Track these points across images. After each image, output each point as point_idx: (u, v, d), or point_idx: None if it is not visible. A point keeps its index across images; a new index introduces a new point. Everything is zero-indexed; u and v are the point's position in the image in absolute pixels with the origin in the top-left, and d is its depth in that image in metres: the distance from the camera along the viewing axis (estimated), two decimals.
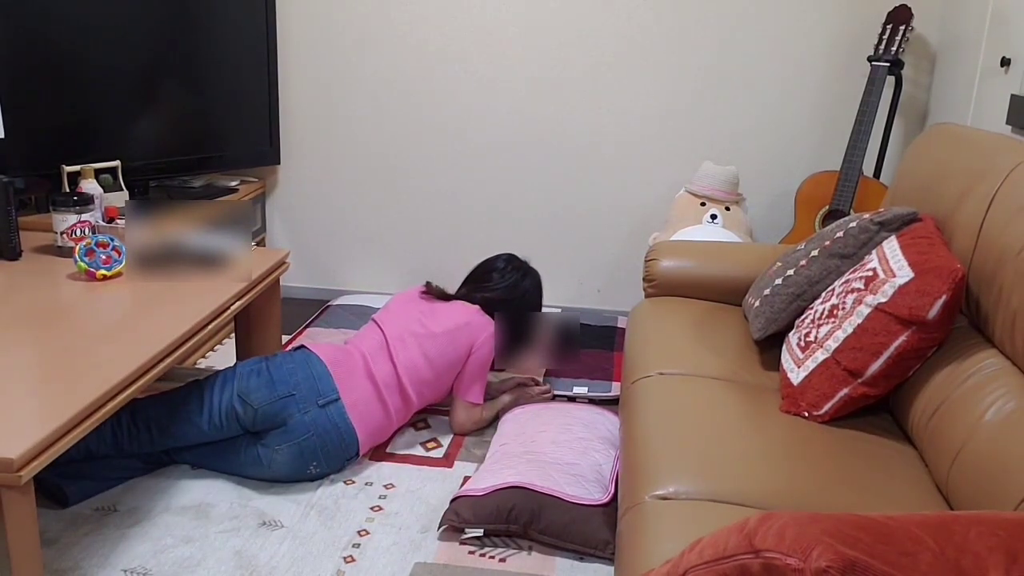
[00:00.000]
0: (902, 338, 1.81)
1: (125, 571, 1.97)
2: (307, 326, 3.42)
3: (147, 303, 2.19)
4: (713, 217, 3.19)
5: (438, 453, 2.53)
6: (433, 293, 2.67)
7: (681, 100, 3.44)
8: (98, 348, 1.90)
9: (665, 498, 1.59)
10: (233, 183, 3.51)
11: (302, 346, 2.43)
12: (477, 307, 2.62)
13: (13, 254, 2.46)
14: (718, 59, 3.38)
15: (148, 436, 2.25)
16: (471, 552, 2.08)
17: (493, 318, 2.62)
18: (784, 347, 2.12)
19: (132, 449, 2.26)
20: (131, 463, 2.30)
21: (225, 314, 2.25)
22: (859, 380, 1.87)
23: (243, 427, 2.28)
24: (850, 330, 1.89)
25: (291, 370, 2.32)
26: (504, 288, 2.70)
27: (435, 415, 2.74)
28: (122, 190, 2.84)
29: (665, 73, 3.42)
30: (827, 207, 3.14)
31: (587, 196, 3.59)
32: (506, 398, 2.76)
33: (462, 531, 2.12)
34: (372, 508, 2.25)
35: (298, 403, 2.26)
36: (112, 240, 2.38)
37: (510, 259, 2.79)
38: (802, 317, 2.12)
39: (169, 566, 1.99)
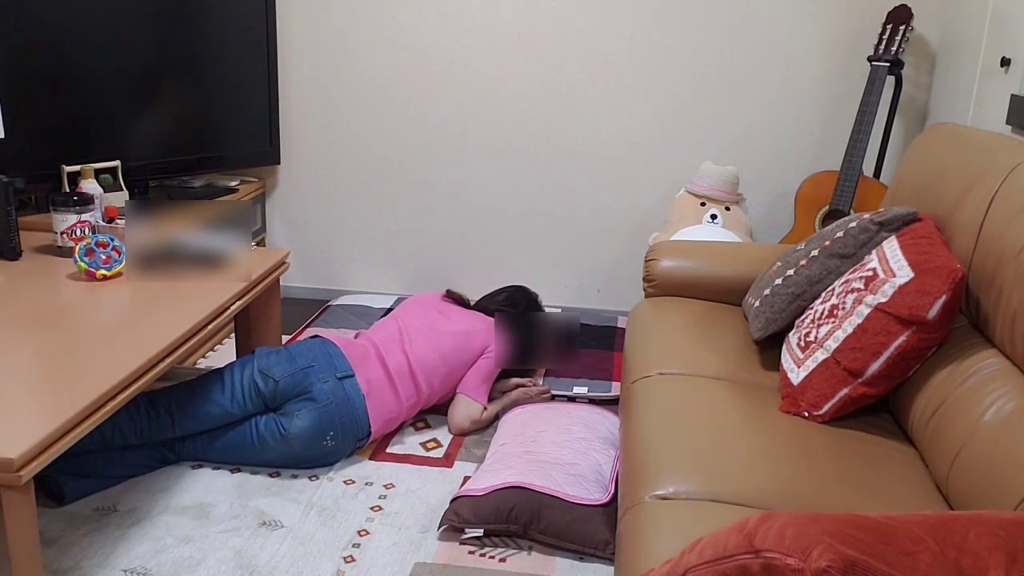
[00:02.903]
0: (902, 338, 1.81)
1: (125, 571, 1.97)
2: (307, 326, 3.42)
3: (147, 303, 2.19)
4: (713, 217, 3.19)
5: (438, 453, 2.53)
6: (453, 299, 2.84)
7: (681, 100, 3.44)
8: (98, 348, 1.90)
9: (665, 498, 1.59)
10: (233, 183, 3.51)
11: (316, 335, 2.54)
12: (493, 319, 2.76)
13: (13, 254, 2.46)
14: (718, 59, 3.38)
15: (169, 421, 2.29)
16: (471, 552, 2.08)
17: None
18: (784, 347, 2.12)
19: (152, 436, 2.28)
20: (132, 462, 2.30)
21: (225, 314, 2.25)
22: (859, 380, 1.87)
23: (264, 402, 2.35)
24: (850, 330, 1.89)
25: (309, 346, 2.44)
26: (506, 304, 2.92)
27: (435, 415, 2.74)
28: (122, 190, 2.84)
29: (665, 73, 3.42)
30: (827, 207, 3.14)
31: (587, 196, 3.59)
32: (505, 399, 2.76)
33: (462, 531, 2.12)
34: (372, 508, 2.25)
35: (318, 373, 2.36)
36: (112, 240, 2.38)
37: (518, 287, 3.04)
38: (802, 317, 2.12)
39: (169, 566, 1.99)
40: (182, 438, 2.34)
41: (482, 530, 2.10)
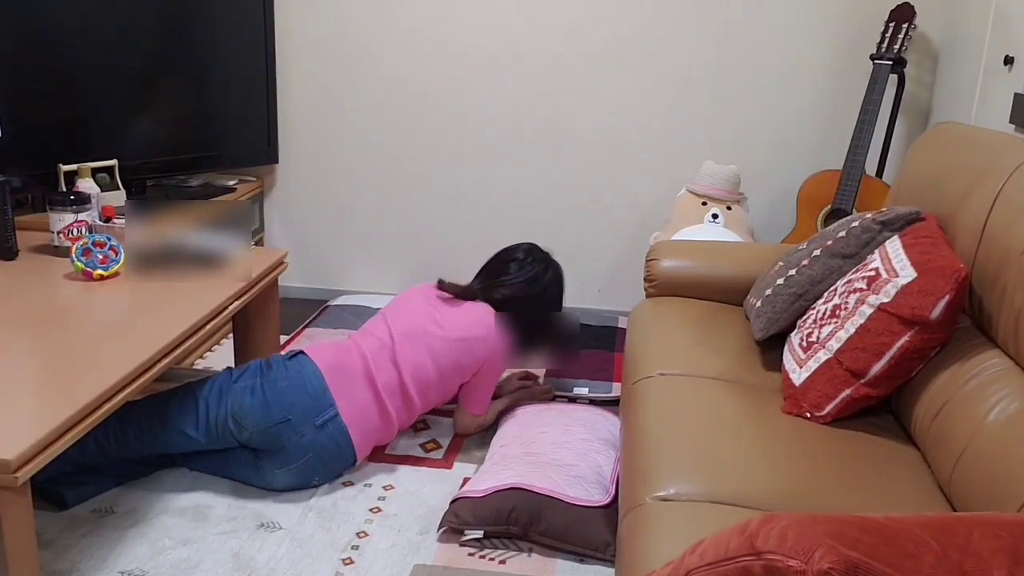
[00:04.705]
0: (905, 338, 1.80)
1: (122, 573, 1.95)
2: (306, 326, 3.41)
3: (144, 303, 2.18)
4: (714, 216, 3.18)
5: (437, 454, 2.52)
6: (448, 290, 2.54)
7: (682, 99, 3.43)
8: (95, 348, 1.89)
9: (666, 499, 1.58)
10: (231, 182, 3.50)
11: (301, 352, 2.34)
12: (495, 316, 2.48)
13: (10, 254, 2.45)
14: (719, 58, 3.37)
15: (138, 443, 2.21)
16: (471, 554, 2.07)
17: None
18: (786, 347, 2.11)
19: (120, 455, 2.22)
20: (127, 470, 2.28)
21: (223, 314, 2.24)
22: (861, 381, 1.86)
23: (239, 442, 2.24)
24: (852, 330, 1.88)
25: (286, 388, 2.22)
26: (523, 282, 2.57)
27: (434, 415, 2.73)
28: (119, 189, 2.83)
29: (666, 72, 3.41)
30: (829, 206, 3.13)
31: (588, 196, 3.58)
32: (507, 398, 2.75)
33: (462, 533, 2.11)
34: (371, 510, 2.24)
35: (294, 427, 2.19)
36: (109, 240, 2.37)
37: (531, 249, 2.66)
38: (804, 317, 2.11)
39: (167, 568, 1.98)
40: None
41: (482, 532, 2.09)
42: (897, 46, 3.05)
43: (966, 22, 3.01)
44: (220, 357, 3.13)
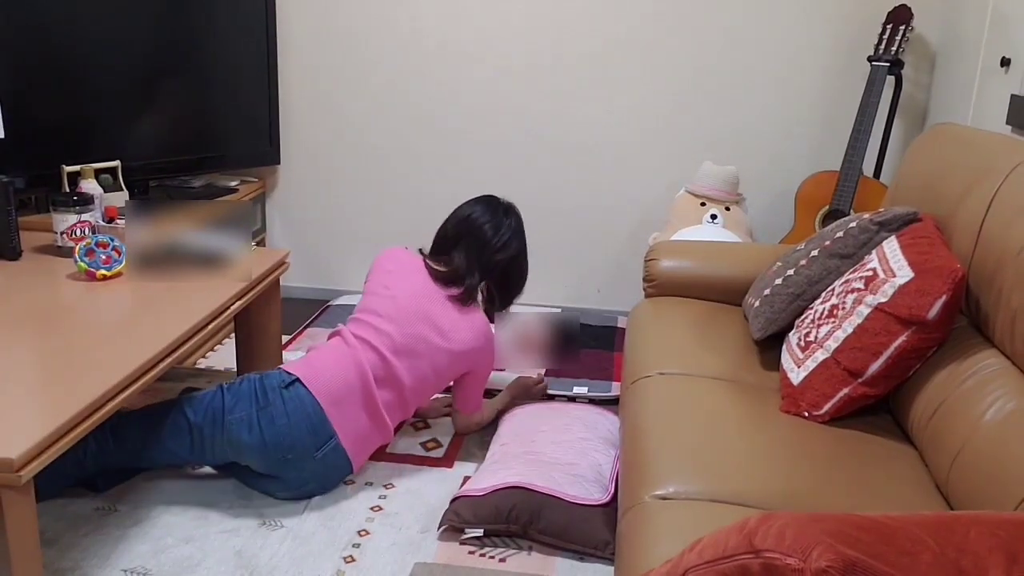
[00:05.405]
0: (902, 338, 1.81)
1: (125, 571, 1.96)
2: (307, 326, 3.42)
3: (147, 303, 2.18)
4: (713, 217, 3.19)
5: (438, 453, 2.53)
6: (444, 284, 2.44)
7: (681, 100, 3.44)
8: (98, 348, 1.90)
9: (665, 498, 1.59)
10: (233, 183, 3.51)
11: (296, 380, 2.21)
12: (486, 319, 2.46)
13: (13, 254, 2.46)
14: (718, 59, 3.38)
15: (136, 459, 2.20)
16: (471, 552, 2.08)
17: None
18: (784, 347, 2.12)
19: (116, 465, 2.22)
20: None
21: (225, 314, 2.25)
22: (859, 380, 1.87)
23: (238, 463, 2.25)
24: (850, 330, 1.89)
25: (284, 429, 2.15)
26: (510, 239, 2.55)
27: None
28: (122, 190, 2.83)
29: (665, 73, 3.42)
30: (827, 207, 3.14)
31: (587, 196, 3.59)
32: (506, 396, 2.76)
33: (462, 531, 2.12)
34: (372, 508, 2.25)
35: (294, 463, 2.18)
36: (112, 240, 2.38)
37: (489, 204, 2.62)
38: (802, 317, 2.12)
39: (169, 566, 1.99)
40: None
41: (482, 530, 2.10)
42: (895, 48, 3.06)
43: (963, 24, 3.02)
44: (222, 357, 3.14)
